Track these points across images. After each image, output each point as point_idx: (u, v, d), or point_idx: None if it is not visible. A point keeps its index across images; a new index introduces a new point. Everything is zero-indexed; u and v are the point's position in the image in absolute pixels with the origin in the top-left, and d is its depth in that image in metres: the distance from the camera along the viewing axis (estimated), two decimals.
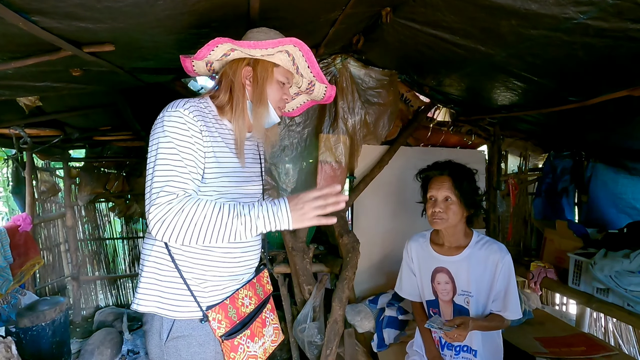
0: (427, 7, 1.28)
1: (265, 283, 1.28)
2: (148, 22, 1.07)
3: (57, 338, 2.66)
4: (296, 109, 1.41)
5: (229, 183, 1.07)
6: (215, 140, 1.03)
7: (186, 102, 1.00)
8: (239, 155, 1.09)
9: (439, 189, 1.44)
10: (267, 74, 1.09)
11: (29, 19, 0.90)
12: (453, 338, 1.36)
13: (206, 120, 1.03)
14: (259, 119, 1.09)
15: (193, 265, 1.05)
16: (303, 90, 1.31)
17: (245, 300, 1.15)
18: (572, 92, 1.61)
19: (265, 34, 1.08)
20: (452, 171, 1.46)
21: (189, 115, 0.97)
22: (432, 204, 1.46)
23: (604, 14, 1.01)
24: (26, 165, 2.97)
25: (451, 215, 1.43)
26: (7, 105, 2.09)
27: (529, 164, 3.13)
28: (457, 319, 1.39)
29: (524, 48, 1.33)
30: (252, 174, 1.19)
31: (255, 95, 1.08)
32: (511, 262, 1.43)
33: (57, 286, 3.81)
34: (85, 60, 1.28)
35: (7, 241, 2.63)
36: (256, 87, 1.08)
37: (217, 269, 1.08)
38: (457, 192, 1.42)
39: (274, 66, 1.10)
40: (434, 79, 2.06)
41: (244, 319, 1.14)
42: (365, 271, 2.44)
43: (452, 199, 1.43)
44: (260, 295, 1.23)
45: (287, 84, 1.15)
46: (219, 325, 1.05)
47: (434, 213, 1.44)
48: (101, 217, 4.09)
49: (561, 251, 2.41)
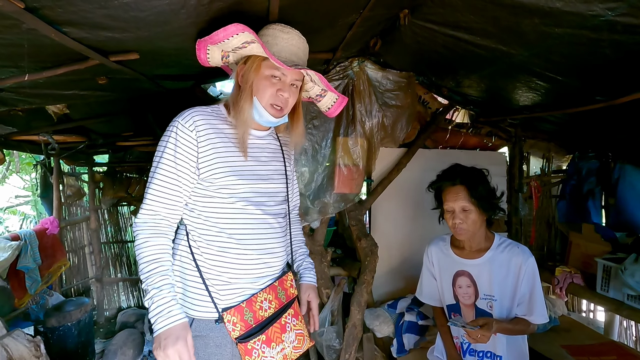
0: (446, 7, 1.27)
1: (288, 287, 1.22)
2: (171, 30, 1.09)
3: (82, 338, 2.74)
4: (331, 108, 1.31)
5: (240, 180, 1.07)
6: (220, 141, 1.06)
7: (188, 112, 1.06)
8: (241, 151, 1.08)
9: (455, 200, 1.40)
10: (253, 66, 1.06)
11: (61, 30, 0.93)
12: (476, 338, 1.33)
13: (211, 123, 1.07)
14: (242, 114, 1.06)
15: (210, 267, 1.08)
16: (313, 97, 1.29)
17: (264, 304, 1.12)
18: (599, 91, 1.56)
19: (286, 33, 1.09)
20: (464, 179, 1.41)
21: (184, 124, 1.04)
22: (450, 216, 1.43)
23: (633, 10, 0.98)
24: (54, 171, 3.09)
25: (471, 224, 1.40)
26: (36, 114, 2.18)
27: (553, 165, 3.04)
28: (480, 319, 1.36)
29: (547, 47, 1.29)
30: (270, 172, 1.16)
31: (243, 89, 1.08)
32: (535, 264, 1.40)
33: (82, 287, 3.93)
34: (111, 68, 1.33)
35: (36, 244, 2.73)
36: (244, 81, 1.08)
37: (233, 271, 1.08)
38: (474, 200, 1.38)
39: (262, 59, 1.06)
40: (452, 80, 2.04)
41: (261, 322, 1.11)
42: (383, 275, 2.41)
43: (470, 208, 1.39)
44: (282, 299, 1.18)
45: (281, 78, 1.08)
46: (233, 328, 1.05)
47: (455, 225, 1.41)
48: (123, 220, 4.21)
49: (588, 256, 2.32)
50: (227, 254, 1.07)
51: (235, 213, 1.08)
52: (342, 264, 2.32)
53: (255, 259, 1.10)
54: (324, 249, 2.15)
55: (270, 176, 1.16)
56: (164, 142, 1.05)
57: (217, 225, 1.07)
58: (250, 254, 1.09)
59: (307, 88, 1.25)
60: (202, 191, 1.07)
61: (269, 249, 1.14)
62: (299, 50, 1.11)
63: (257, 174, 1.12)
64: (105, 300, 4.02)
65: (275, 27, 1.10)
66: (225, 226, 1.07)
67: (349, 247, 2.50)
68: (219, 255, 1.07)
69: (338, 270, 2.27)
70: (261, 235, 1.12)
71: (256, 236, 1.11)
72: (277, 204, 1.18)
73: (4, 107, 1.78)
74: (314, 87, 1.24)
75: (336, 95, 1.25)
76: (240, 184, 1.07)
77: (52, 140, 2.62)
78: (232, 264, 1.08)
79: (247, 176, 1.09)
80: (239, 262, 1.08)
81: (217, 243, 1.07)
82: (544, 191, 2.98)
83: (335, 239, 2.57)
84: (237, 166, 1.08)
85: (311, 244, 2.11)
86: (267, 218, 1.13)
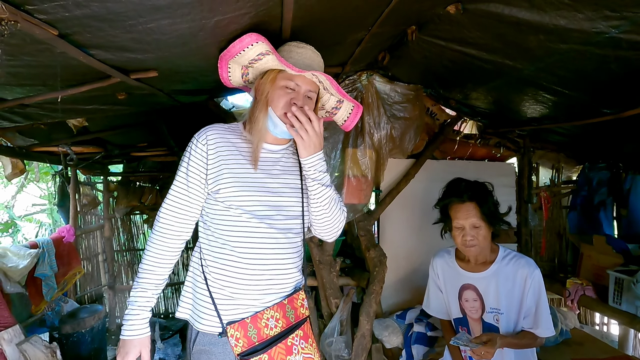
0: (453, 24, 1.31)
1: (298, 306, 1.15)
2: (189, 50, 1.15)
3: (95, 345, 2.79)
4: (347, 120, 1.28)
5: (244, 192, 1.06)
6: (229, 153, 1.09)
7: (205, 128, 1.13)
8: (252, 161, 1.09)
9: (467, 217, 1.40)
10: (269, 78, 1.09)
11: (88, 52, 1.00)
12: (480, 355, 1.33)
13: (224, 137, 1.11)
14: (257, 124, 1.09)
15: (214, 279, 1.08)
16: (329, 110, 1.27)
17: (270, 321, 1.08)
18: (607, 105, 1.57)
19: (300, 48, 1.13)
20: (473, 195, 1.41)
21: (199, 140, 1.10)
22: (460, 232, 1.42)
23: (637, 27, 1.00)
24: (71, 180, 3.19)
25: (482, 240, 1.40)
26: (57, 126, 2.29)
27: (562, 176, 3.02)
28: (484, 335, 1.35)
29: (554, 62, 1.32)
30: (281, 185, 1.13)
31: (258, 100, 1.10)
32: (541, 276, 1.39)
33: (95, 294, 4.00)
34: (131, 85, 1.39)
35: (53, 251, 2.81)
36: (260, 93, 1.10)
37: (235, 285, 1.06)
38: (484, 217, 1.39)
39: (278, 72, 1.09)
40: (460, 92, 2.07)
41: (265, 341, 1.06)
42: (392, 285, 2.42)
43: (480, 225, 1.39)
44: (290, 319, 1.12)
45: (295, 89, 1.09)
46: (236, 343, 1.03)
47: (466, 242, 1.40)
48: (136, 229, 4.29)
49: (600, 267, 2.30)
50: (230, 267, 1.06)
51: (239, 226, 1.07)
52: (351, 274, 2.33)
53: (257, 275, 1.07)
54: (332, 259, 2.17)
55: (281, 190, 1.13)
56: (183, 158, 1.12)
57: (223, 238, 1.07)
58: (252, 269, 1.06)
59: (322, 102, 1.23)
60: (212, 203, 1.10)
61: (274, 265, 1.09)
62: (313, 62, 1.13)
63: (265, 187, 1.10)
64: (117, 308, 4.08)
65: (290, 43, 1.14)
66: (229, 239, 1.07)
67: (358, 257, 2.51)
68: (222, 268, 1.07)
69: (347, 280, 2.29)
70: (265, 250, 1.08)
71: (260, 251, 1.07)
72: (286, 219, 1.12)
73: (29, 121, 1.86)
74: (329, 100, 1.23)
75: (352, 103, 1.22)
76: (245, 195, 1.06)
77: (71, 151, 2.72)
78: (234, 277, 1.06)
79: (254, 188, 1.08)
80: (240, 277, 1.06)
81: (222, 256, 1.07)
82: (554, 202, 2.96)
83: (344, 249, 2.59)
84: (244, 177, 1.08)
85: (320, 254, 2.14)
86: (273, 233, 1.09)
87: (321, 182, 1.11)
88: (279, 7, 0.99)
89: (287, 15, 1.04)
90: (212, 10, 0.91)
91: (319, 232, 1.24)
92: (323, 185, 1.11)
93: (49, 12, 0.78)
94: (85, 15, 0.81)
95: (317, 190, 1.11)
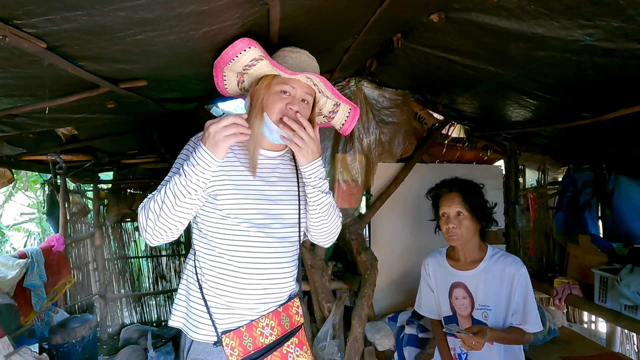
0: (437, 32, 1.35)
1: (293, 313, 1.15)
2: (178, 60, 1.17)
3: (86, 355, 2.77)
4: (345, 123, 1.27)
5: (243, 200, 1.05)
6: (227, 159, 1.06)
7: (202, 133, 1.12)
8: (250, 168, 1.08)
9: (450, 205, 1.49)
10: (264, 84, 1.08)
11: (77, 64, 1.01)
12: (471, 345, 1.36)
13: None
14: (252, 130, 1.05)
15: (210, 288, 1.07)
16: (326, 114, 1.26)
17: (265, 330, 1.07)
18: (586, 108, 1.62)
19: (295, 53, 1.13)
20: (460, 187, 1.51)
21: (195, 141, 1.12)
22: (445, 221, 1.51)
23: (610, 35, 1.04)
24: (60, 189, 3.16)
25: (464, 230, 1.46)
26: (46, 135, 2.27)
27: (548, 177, 3.09)
28: (475, 327, 1.39)
29: (534, 68, 1.37)
30: (279, 193, 1.12)
31: (254, 106, 1.09)
32: (527, 274, 1.45)
33: (86, 304, 3.95)
34: (120, 94, 1.40)
35: (42, 261, 2.78)
36: (255, 99, 1.09)
37: (232, 295, 1.05)
38: (468, 206, 1.46)
39: (272, 77, 1.08)
40: (446, 97, 2.11)
41: (260, 349, 1.05)
42: (384, 288, 2.44)
43: (463, 214, 1.47)
44: (285, 327, 1.11)
45: (290, 93, 1.07)
46: (231, 352, 1.01)
47: (448, 229, 1.48)
48: (127, 237, 4.25)
49: (585, 266, 2.35)
50: (227, 277, 1.05)
51: (237, 235, 1.06)
52: (343, 278, 2.35)
53: (255, 284, 1.06)
54: (325, 263, 2.19)
55: (279, 198, 1.12)
56: (178, 158, 1.12)
57: (220, 247, 1.06)
58: (250, 278, 1.06)
59: (320, 106, 1.21)
60: (208, 211, 1.08)
61: (271, 274, 1.09)
62: (308, 67, 1.11)
63: (263, 195, 1.09)
64: (108, 317, 4.03)
65: (285, 49, 1.14)
66: (226, 248, 1.06)
67: (350, 261, 2.54)
68: (219, 277, 1.06)
69: (339, 284, 2.30)
70: (263, 259, 1.07)
71: (258, 260, 1.07)
72: (284, 227, 1.12)
73: (18, 131, 1.85)
74: (326, 103, 1.22)
75: (349, 106, 1.21)
76: (243, 203, 1.05)
77: (60, 159, 2.70)
78: (231, 287, 1.05)
79: (252, 196, 1.07)
80: (238, 287, 1.05)
81: (218, 264, 1.06)
82: (540, 203, 3.02)
83: (336, 253, 2.61)
84: (242, 185, 1.07)
85: (312, 258, 2.15)
86: (271, 242, 1.08)
87: (321, 189, 1.10)
88: (265, 18, 1.02)
89: (274, 26, 1.07)
90: (200, 22, 0.93)
91: (315, 238, 1.24)
92: (322, 192, 1.10)
93: (37, 27, 0.79)
94: (74, 29, 0.82)
95: (317, 198, 1.10)
